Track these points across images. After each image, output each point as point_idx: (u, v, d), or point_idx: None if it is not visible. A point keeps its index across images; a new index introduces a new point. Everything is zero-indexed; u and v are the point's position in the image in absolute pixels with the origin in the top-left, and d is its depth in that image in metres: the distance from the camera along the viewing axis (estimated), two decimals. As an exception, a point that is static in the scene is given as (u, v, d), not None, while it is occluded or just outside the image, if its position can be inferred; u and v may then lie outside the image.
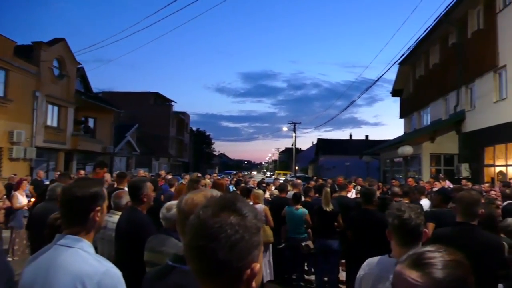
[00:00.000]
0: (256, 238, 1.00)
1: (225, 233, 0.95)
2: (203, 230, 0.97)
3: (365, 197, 4.81)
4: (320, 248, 5.95)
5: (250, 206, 1.04)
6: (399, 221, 2.00)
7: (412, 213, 2.00)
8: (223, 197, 1.07)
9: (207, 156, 74.01)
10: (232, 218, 0.98)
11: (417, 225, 1.98)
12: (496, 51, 15.14)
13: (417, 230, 1.98)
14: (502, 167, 15.27)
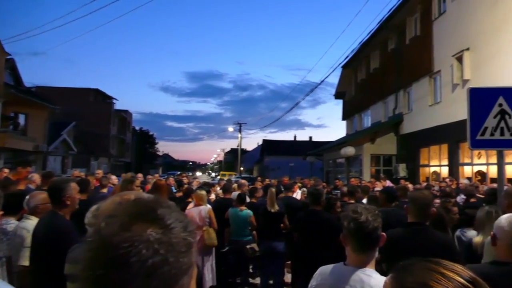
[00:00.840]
0: (185, 259, 0.70)
1: (137, 256, 0.65)
2: (104, 252, 0.65)
3: (313, 197, 4.66)
4: (265, 251, 5.73)
5: (177, 213, 0.75)
6: (355, 224, 1.79)
7: (369, 215, 1.80)
8: (137, 201, 0.75)
9: (151, 156, 71.88)
10: (150, 232, 0.68)
11: (375, 228, 1.79)
12: (431, 57, 15.92)
13: (375, 234, 1.78)
14: (436, 167, 16.08)
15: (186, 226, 0.74)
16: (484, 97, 3.67)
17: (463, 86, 13.45)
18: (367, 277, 1.72)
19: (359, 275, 1.73)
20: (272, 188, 5.93)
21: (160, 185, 5.02)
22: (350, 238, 1.81)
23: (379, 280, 1.71)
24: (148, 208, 0.72)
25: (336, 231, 4.30)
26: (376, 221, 1.80)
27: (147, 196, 0.80)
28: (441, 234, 2.78)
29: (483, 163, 13.01)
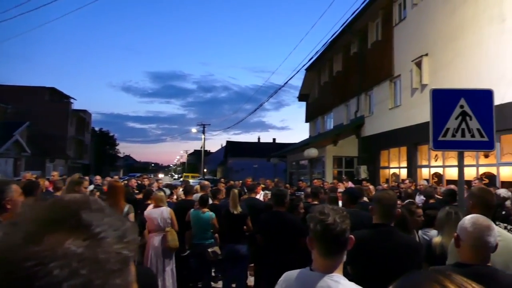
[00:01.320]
0: (117, 280, 0.52)
1: (47, 278, 0.46)
2: (4, 271, 0.47)
3: (276, 198, 4.54)
4: (228, 254, 5.56)
5: (112, 218, 0.57)
6: (322, 226, 1.67)
7: (337, 217, 1.68)
8: (55, 203, 0.57)
9: (111, 157, 69.76)
10: (69, 245, 0.49)
11: (343, 231, 1.67)
12: (392, 61, 16.33)
13: (343, 237, 1.67)
14: (395, 169, 16.49)
15: (123, 236, 0.55)
16: (446, 99, 3.69)
17: (421, 91, 13.87)
18: (334, 284, 1.60)
19: (326, 282, 1.61)
20: (235, 189, 5.77)
21: (115, 186, 4.77)
22: (316, 242, 1.69)
23: (348, 286, 1.60)
24: (69, 212, 0.54)
25: (300, 233, 4.20)
26: (344, 223, 1.68)
27: (73, 196, 0.61)
28: (406, 235, 2.73)
29: (440, 165, 13.45)
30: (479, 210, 2.65)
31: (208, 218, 5.88)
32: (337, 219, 1.66)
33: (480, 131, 3.66)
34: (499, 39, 10.45)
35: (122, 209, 4.68)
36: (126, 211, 4.68)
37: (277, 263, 3.92)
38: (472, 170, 11.33)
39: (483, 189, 2.96)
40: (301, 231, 3.99)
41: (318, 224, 1.68)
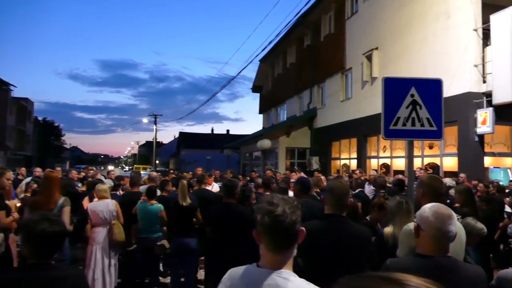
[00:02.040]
0: None
1: None
2: None
3: (226, 189, 4.36)
4: (176, 248, 5.32)
5: None
6: (270, 218, 1.50)
7: (286, 207, 1.51)
8: None
9: (56, 149, 66.39)
10: None
11: (293, 222, 1.51)
12: (344, 54, 16.60)
13: (293, 230, 1.51)
14: (346, 160, 16.86)
15: None
16: (397, 87, 3.68)
17: (371, 83, 14.20)
18: (283, 281, 1.45)
19: (274, 279, 1.46)
20: (184, 180, 5.52)
21: (50, 177, 4.42)
22: (264, 235, 1.52)
23: (298, 284, 1.46)
24: None
25: (251, 225, 4.07)
26: (294, 214, 1.52)
27: None
28: (358, 226, 2.66)
29: (388, 156, 13.89)
30: (430, 198, 2.62)
31: (156, 211, 5.61)
32: (286, 209, 1.50)
33: (429, 120, 3.69)
34: (444, 34, 10.85)
35: (56, 201, 4.33)
36: (61, 203, 4.35)
37: (227, 257, 3.77)
38: (418, 161, 11.77)
39: (433, 177, 2.96)
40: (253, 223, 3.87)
41: (266, 215, 1.51)
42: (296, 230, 1.51)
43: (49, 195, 4.35)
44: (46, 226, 1.98)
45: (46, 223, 1.99)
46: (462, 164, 10.21)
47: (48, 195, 4.35)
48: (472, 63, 10.06)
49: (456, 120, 10.26)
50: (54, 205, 4.32)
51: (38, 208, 4.28)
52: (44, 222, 2.00)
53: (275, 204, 1.53)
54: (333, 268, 2.45)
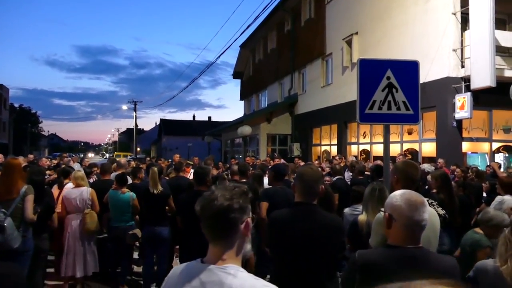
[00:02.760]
0: None
1: None
2: None
3: (197, 176, 4.18)
4: (148, 237, 5.13)
5: None
6: (201, 203, 1.35)
7: (223, 193, 1.34)
8: None
9: (33, 136, 64.76)
10: None
11: (226, 209, 1.32)
12: (324, 40, 16.44)
13: (226, 216, 1.32)
14: (326, 146, 16.84)
15: None
16: (373, 69, 3.54)
17: (351, 69, 14.10)
18: (227, 276, 1.28)
19: (217, 274, 1.28)
20: (154, 167, 5.29)
21: (11, 164, 4.17)
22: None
23: (245, 279, 1.29)
24: None
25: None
26: (232, 200, 1.33)
27: None
28: (329, 214, 2.52)
29: (368, 142, 13.90)
30: (403, 184, 2.51)
31: (127, 199, 5.39)
32: (220, 195, 1.33)
33: (405, 103, 3.56)
34: (423, 18, 10.79)
35: (18, 190, 4.09)
36: (23, 192, 4.11)
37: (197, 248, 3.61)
38: (397, 147, 11.80)
39: (407, 163, 2.84)
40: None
41: (201, 201, 1.35)
42: (232, 217, 1.33)
43: (10, 183, 4.10)
44: None
45: None
46: (440, 150, 10.25)
47: (9, 183, 4.10)
48: (451, 48, 10.04)
49: (435, 106, 10.27)
50: (16, 194, 4.08)
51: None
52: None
53: (212, 191, 1.37)
54: (301, 258, 2.31)
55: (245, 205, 1.37)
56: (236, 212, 1.32)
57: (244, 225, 1.36)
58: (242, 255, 1.42)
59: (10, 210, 4.02)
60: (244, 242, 1.39)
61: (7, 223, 3.87)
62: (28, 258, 4.22)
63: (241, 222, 1.35)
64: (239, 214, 1.34)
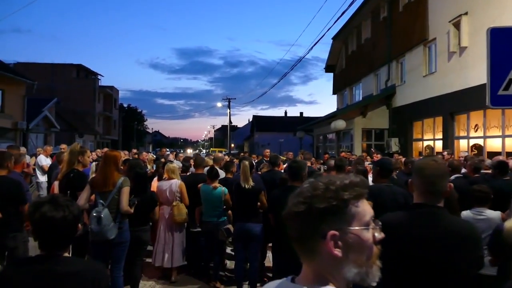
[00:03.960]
0: None
1: None
2: None
3: (291, 171, 3.84)
4: (238, 233, 4.97)
5: None
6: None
7: (308, 190, 1.01)
8: None
9: (139, 133, 70.62)
10: None
11: (297, 212, 0.98)
12: (426, 24, 15.03)
13: (296, 221, 1.00)
14: (429, 141, 15.41)
15: None
16: (509, 40, 2.86)
17: (460, 54, 12.64)
18: None
19: None
20: (246, 161, 5.07)
21: (108, 156, 4.28)
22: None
23: None
24: None
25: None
26: (311, 199, 0.97)
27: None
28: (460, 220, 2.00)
29: (480, 136, 12.33)
30: None
31: (219, 194, 5.30)
32: (303, 192, 1.02)
33: (553, 82, 2.83)
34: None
35: (115, 182, 4.17)
36: (120, 183, 4.18)
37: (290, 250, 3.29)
38: (497, 142, 10.26)
39: None
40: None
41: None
42: (303, 224, 0.99)
43: (107, 175, 4.21)
44: (46, 210, 1.64)
45: (47, 207, 1.65)
46: None
47: (106, 175, 4.22)
48: None
49: None
50: (112, 186, 4.19)
51: (96, 188, 4.21)
52: (46, 205, 1.65)
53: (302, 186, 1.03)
54: (422, 276, 1.84)
55: (327, 208, 0.97)
56: (306, 216, 0.98)
57: (330, 237, 0.96)
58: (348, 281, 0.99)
59: (107, 202, 4.12)
60: (339, 263, 0.99)
61: (103, 214, 3.97)
62: (124, 249, 4.30)
63: (321, 234, 0.96)
64: (316, 221, 0.96)
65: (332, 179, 1.02)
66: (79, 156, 4.64)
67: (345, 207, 0.97)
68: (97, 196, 4.19)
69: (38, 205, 1.65)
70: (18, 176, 4.94)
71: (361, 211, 1.00)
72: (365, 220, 1.00)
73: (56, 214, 1.63)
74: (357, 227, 0.98)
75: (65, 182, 4.51)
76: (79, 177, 4.51)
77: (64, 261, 1.68)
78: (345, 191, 0.98)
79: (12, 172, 5.01)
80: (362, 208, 1.00)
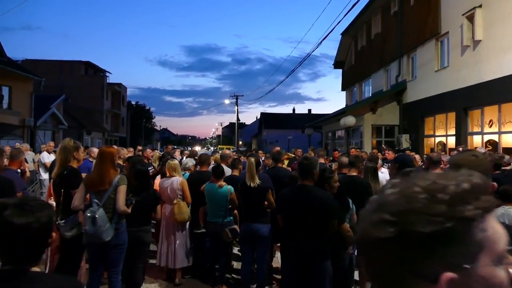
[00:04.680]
0: None
1: None
2: None
3: (302, 168, 3.55)
4: (245, 234, 4.72)
5: None
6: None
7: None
8: None
9: (147, 130, 70.76)
10: None
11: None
12: (438, 17, 14.63)
13: None
14: (442, 137, 15.03)
15: None
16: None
17: (473, 48, 12.25)
18: None
19: None
20: (252, 158, 4.76)
21: (104, 153, 4.04)
22: None
23: None
24: None
25: (331, 214, 3.23)
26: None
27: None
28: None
29: (495, 132, 11.95)
30: None
31: (224, 193, 5.03)
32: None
33: None
34: None
35: (111, 180, 3.94)
36: (116, 182, 3.94)
37: (299, 251, 3.04)
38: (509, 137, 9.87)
39: None
40: (333, 211, 3.07)
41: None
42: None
43: (102, 172, 3.96)
44: (8, 214, 1.32)
45: (11, 210, 1.32)
46: None
47: (101, 172, 3.97)
48: None
49: None
50: (109, 185, 3.93)
51: (91, 187, 3.97)
52: (10, 208, 1.33)
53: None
54: None
55: (436, 234, 0.59)
56: (397, 246, 0.62)
57: (444, 283, 0.59)
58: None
59: (103, 201, 3.87)
60: None
61: (98, 214, 3.72)
62: (122, 252, 4.05)
63: (427, 277, 0.60)
64: (417, 255, 0.60)
65: (438, 180, 0.65)
66: (74, 152, 4.35)
67: (468, 231, 0.60)
68: (92, 195, 3.95)
69: (1, 208, 1.33)
70: (13, 173, 4.76)
71: (492, 236, 0.62)
72: (498, 251, 0.62)
73: (18, 220, 1.31)
74: (487, 264, 0.61)
75: (59, 181, 4.25)
76: (73, 175, 4.20)
77: (32, 278, 1.37)
78: (465, 202, 0.61)
79: (8, 169, 4.84)
80: (492, 230, 0.62)
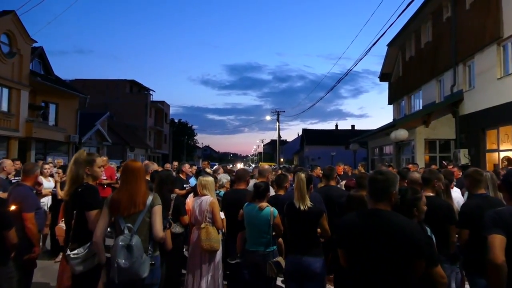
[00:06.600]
0: None
1: None
2: None
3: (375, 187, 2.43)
4: (292, 270, 3.72)
5: None
6: None
7: None
8: None
9: (189, 148, 71.54)
10: None
11: None
12: (500, 20, 13.29)
13: None
14: (507, 152, 13.46)
15: None
16: None
17: (545, 51, 10.86)
18: None
19: None
20: (301, 174, 3.76)
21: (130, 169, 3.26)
22: None
23: None
24: None
25: (419, 251, 2.24)
26: None
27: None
28: None
29: None
30: None
31: (267, 217, 4.13)
32: None
33: None
34: None
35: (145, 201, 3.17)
36: (150, 202, 3.18)
37: None
38: None
39: None
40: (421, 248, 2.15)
41: None
42: None
43: (134, 192, 3.16)
44: None
45: None
46: None
47: (133, 192, 3.16)
48: None
49: None
50: (142, 206, 3.13)
51: (118, 212, 3.13)
52: None
53: None
54: None
55: None
56: None
57: None
58: None
59: (136, 226, 3.07)
60: None
61: (134, 242, 2.92)
62: None
63: None
64: None
65: None
66: (86, 167, 3.56)
67: None
68: (120, 219, 3.12)
69: None
70: (27, 190, 4.21)
71: None
72: None
73: None
74: None
75: (71, 201, 3.44)
76: (88, 192, 3.34)
77: None
78: None
79: (22, 185, 4.30)
80: None
